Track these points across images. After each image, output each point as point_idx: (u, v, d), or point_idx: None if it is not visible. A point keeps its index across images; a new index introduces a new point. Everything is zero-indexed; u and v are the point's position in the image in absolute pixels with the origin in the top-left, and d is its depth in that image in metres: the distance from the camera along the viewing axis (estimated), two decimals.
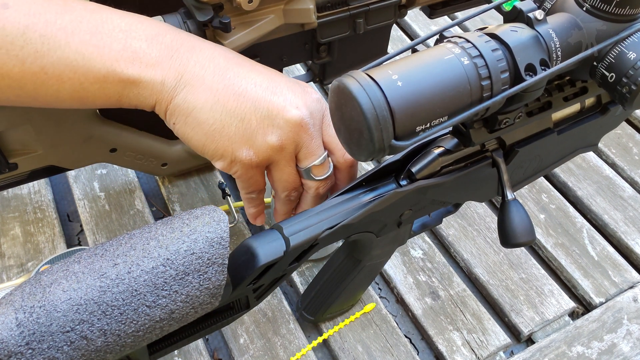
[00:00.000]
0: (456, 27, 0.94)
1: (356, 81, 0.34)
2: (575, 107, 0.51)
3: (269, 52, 0.61)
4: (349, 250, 0.53)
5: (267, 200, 0.70)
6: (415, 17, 0.96)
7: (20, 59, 0.42)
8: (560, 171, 0.76)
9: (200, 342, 0.58)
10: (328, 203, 0.45)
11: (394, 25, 0.94)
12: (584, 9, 0.40)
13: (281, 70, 0.67)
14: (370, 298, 0.62)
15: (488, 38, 0.37)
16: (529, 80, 0.37)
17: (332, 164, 0.51)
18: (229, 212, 0.68)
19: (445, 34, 0.39)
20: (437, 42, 0.39)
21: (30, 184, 0.70)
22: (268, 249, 0.42)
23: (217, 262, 0.38)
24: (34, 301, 0.34)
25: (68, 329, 0.34)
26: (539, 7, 0.40)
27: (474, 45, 0.37)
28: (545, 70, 0.38)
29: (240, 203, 0.71)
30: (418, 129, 0.35)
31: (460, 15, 0.90)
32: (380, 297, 0.64)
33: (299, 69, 0.86)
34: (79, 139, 0.58)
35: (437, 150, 0.46)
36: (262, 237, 0.43)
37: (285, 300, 0.62)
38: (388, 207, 0.46)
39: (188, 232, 0.38)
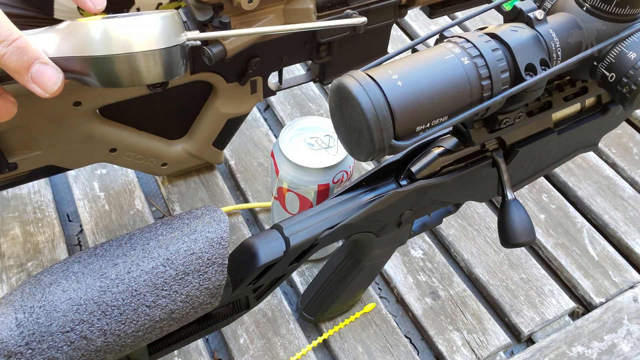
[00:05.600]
0: (456, 27, 0.94)
1: (356, 81, 0.34)
2: (575, 107, 0.51)
3: (269, 52, 0.61)
4: (349, 250, 0.52)
5: (268, 203, 0.70)
6: (415, 17, 0.96)
7: None
8: (560, 171, 0.76)
9: (200, 342, 0.58)
10: (328, 203, 0.45)
11: (394, 25, 0.94)
12: (584, 8, 0.40)
13: (281, 71, 0.67)
14: (370, 298, 0.62)
15: (488, 38, 0.37)
16: (529, 80, 0.37)
17: None
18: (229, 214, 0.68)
19: (445, 33, 0.39)
20: (437, 42, 0.39)
21: (30, 184, 0.70)
22: (268, 249, 0.42)
23: (217, 262, 0.38)
24: (34, 301, 0.34)
25: (68, 329, 0.34)
26: (539, 7, 0.41)
27: (474, 45, 0.37)
28: (545, 70, 0.38)
29: (242, 205, 0.71)
30: (418, 128, 0.35)
31: (460, 15, 0.90)
32: (380, 297, 0.64)
33: (299, 69, 0.86)
34: (79, 138, 0.58)
35: (437, 150, 0.46)
36: (262, 237, 0.43)
37: (285, 300, 0.61)
38: (388, 207, 0.46)
39: (188, 232, 0.38)
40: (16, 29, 0.37)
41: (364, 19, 0.55)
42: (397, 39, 0.93)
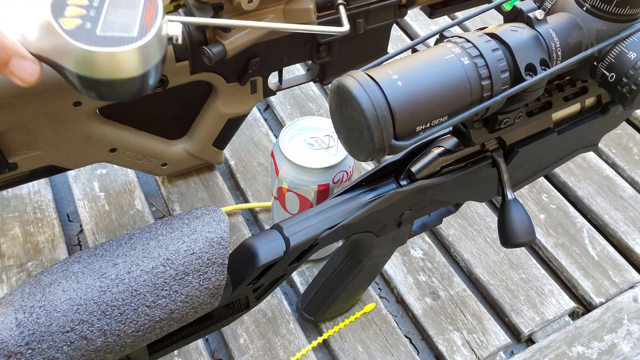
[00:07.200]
0: (456, 27, 0.94)
1: (356, 81, 0.34)
2: (575, 107, 0.51)
3: (269, 52, 0.61)
4: (349, 250, 0.52)
5: (268, 203, 0.70)
6: (415, 17, 0.96)
7: None
8: (560, 171, 0.76)
9: (200, 342, 0.58)
10: (328, 203, 0.45)
11: (394, 25, 0.94)
12: (584, 8, 0.40)
13: (281, 71, 0.67)
14: (370, 298, 0.62)
15: (488, 38, 0.37)
16: (529, 80, 0.37)
17: None
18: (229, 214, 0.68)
19: (445, 33, 0.39)
20: (437, 42, 0.39)
21: (30, 184, 0.70)
22: (268, 249, 0.42)
23: (217, 262, 0.38)
24: (34, 301, 0.34)
25: (68, 329, 0.34)
26: (539, 7, 0.41)
27: (474, 45, 0.37)
28: (545, 70, 0.38)
29: (242, 205, 0.71)
30: (418, 128, 0.35)
31: (460, 15, 0.90)
32: (380, 297, 0.64)
33: (299, 69, 0.86)
34: (79, 138, 0.58)
35: (437, 150, 0.46)
36: (262, 237, 0.43)
37: (285, 300, 0.61)
38: (388, 207, 0.46)
39: (188, 232, 0.38)
40: None
41: (346, 28, 0.55)
42: (397, 39, 0.93)
